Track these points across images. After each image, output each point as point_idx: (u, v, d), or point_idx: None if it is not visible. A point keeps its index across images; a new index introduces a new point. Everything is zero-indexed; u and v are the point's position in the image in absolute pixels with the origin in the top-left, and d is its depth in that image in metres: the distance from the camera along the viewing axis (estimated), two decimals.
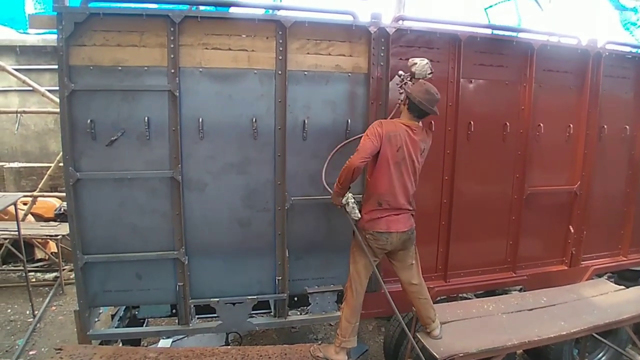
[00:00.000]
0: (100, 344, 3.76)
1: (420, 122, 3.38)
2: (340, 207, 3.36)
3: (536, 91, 4.26)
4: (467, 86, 4.10)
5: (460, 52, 3.98)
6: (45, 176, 7.41)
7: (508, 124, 4.22)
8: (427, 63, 3.44)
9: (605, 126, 4.65)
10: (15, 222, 5.70)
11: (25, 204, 7.28)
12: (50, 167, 7.48)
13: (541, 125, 4.35)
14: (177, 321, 3.83)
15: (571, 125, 4.51)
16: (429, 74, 3.43)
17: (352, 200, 3.32)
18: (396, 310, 3.45)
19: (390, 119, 3.56)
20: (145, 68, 3.42)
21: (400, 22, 3.94)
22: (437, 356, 3.30)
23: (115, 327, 3.98)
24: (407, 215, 3.39)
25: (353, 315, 3.45)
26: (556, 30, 4.69)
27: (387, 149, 3.22)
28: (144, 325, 4.34)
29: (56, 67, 3.36)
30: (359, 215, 3.33)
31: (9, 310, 5.86)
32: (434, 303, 4.03)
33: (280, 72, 3.58)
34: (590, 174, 4.65)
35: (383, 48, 3.76)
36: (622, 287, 4.52)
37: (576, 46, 4.50)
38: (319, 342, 3.72)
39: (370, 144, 3.20)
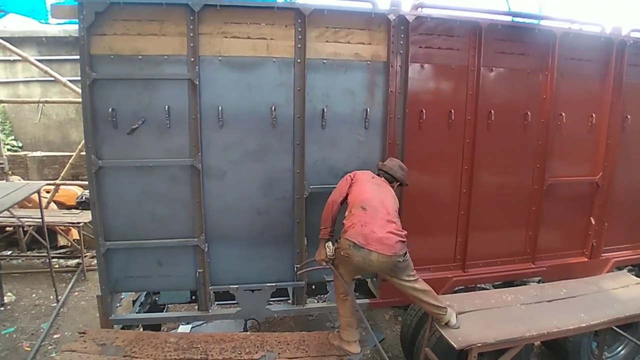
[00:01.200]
0: (121, 329, 3.83)
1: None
2: (326, 262, 3.38)
3: (558, 80, 4.18)
4: (488, 75, 4.05)
5: (480, 40, 3.92)
6: (67, 165, 7.55)
7: (529, 113, 4.15)
8: None
9: (629, 116, 4.55)
10: (39, 210, 5.83)
11: (48, 192, 7.41)
12: (72, 156, 7.61)
13: (563, 114, 4.28)
14: (196, 307, 3.90)
15: (594, 115, 4.42)
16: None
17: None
18: (370, 329, 3.44)
19: None
20: (165, 57, 3.45)
21: (420, 9, 3.91)
22: (455, 346, 3.30)
23: (137, 313, 4.06)
24: (395, 239, 3.08)
25: (340, 308, 3.51)
26: (578, 17, 4.58)
27: (362, 177, 3.42)
28: (164, 311, 4.42)
29: (77, 57, 3.42)
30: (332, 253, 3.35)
31: (34, 295, 6.01)
32: (452, 293, 4.04)
33: (299, 61, 3.58)
34: (612, 164, 4.57)
35: (402, 36, 3.73)
36: None
37: (600, 34, 4.40)
38: (336, 330, 3.74)
39: (343, 181, 3.44)
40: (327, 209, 3.39)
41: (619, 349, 4.59)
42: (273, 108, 3.59)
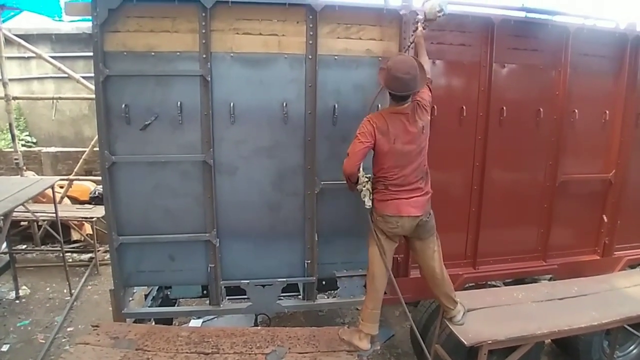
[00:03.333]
0: (134, 322, 3.88)
1: (410, 102, 3.22)
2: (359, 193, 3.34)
3: (571, 76, 4.13)
4: (500, 71, 4.01)
5: (493, 35, 3.89)
6: (80, 160, 7.62)
7: (541, 109, 4.11)
8: (438, 2, 3.28)
9: None
10: (53, 205, 5.91)
11: (61, 187, 7.50)
12: (85, 151, 7.69)
13: (576, 111, 4.23)
14: (208, 302, 3.93)
15: (607, 112, 4.37)
16: (438, 12, 3.28)
17: (366, 187, 3.27)
18: (405, 305, 3.47)
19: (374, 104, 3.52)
20: (178, 53, 3.47)
21: None
22: (465, 342, 3.30)
23: (149, 307, 4.11)
24: (421, 200, 3.26)
25: (370, 299, 3.43)
26: (592, 12, 4.54)
27: (383, 143, 3.16)
28: (176, 305, 4.46)
29: (90, 54, 3.47)
30: (370, 205, 3.28)
31: (48, 289, 6.10)
32: (462, 290, 4.03)
33: (310, 57, 3.58)
34: (625, 161, 4.51)
35: (414, 32, 3.71)
36: None
37: (614, 30, 4.35)
38: (347, 325, 3.75)
39: (360, 146, 3.14)
40: (346, 177, 3.25)
41: (631, 348, 4.56)
42: (284, 104, 3.60)
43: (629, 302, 3.89)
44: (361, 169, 3.27)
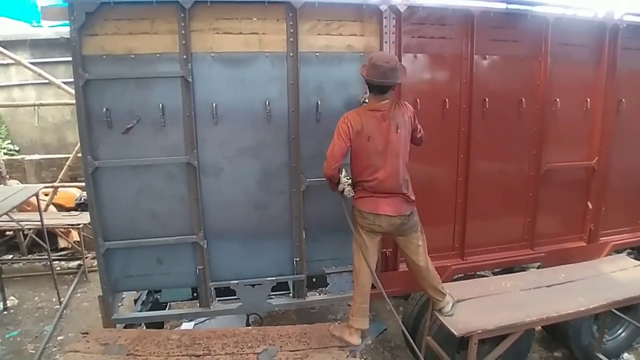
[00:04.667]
0: (124, 328, 3.85)
1: (388, 98, 3.23)
2: (340, 193, 3.41)
3: (552, 66, 4.17)
4: (481, 62, 4.04)
5: (473, 28, 3.91)
6: (65, 167, 7.54)
7: (524, 99, 4.15)
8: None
9: (624, 100, 4.54)
10: (38, 213, 5.83)
11: (46, 194, 7.40)
12: (69, 157, 7.60)
13: (557, 100, 4.27)
14: (198, 304, 3.91)
15: (588, 100, 4.42)
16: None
17: (348, 186, 3.36)
18: (387, 299, 3.47)
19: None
20: (158, 55, 3.44)
21: None
22: (455, 333, 3.32)
23: (139, 311, 4.08)
24: (400, 200, 3.26)
25: (357, 294, 3.45)
26: (572, 2, 4.58)
27: (358, 143, 3.19)
28: (166, 309, 4.43)
29: (70, 59, 3.40)
30: (352, 194, 3.35)
31: (37, 298, 6.02)
32: (451, 281, 4.06)
33: (291, 55, 3.57)
34: (608, 148, 4.57)
35: (394, 26, 3.72)
36: None
37: (592, 18, 4.39)
38: (338, 321, 3.76)
39: (337, 148, 3.19)
40: (327, 179, 3.33)
41: (619, 331, 4.63)
42: (267, 103, 3.59)
43: (616, 287, 3.95)
44: (343, 170, 3.33)
